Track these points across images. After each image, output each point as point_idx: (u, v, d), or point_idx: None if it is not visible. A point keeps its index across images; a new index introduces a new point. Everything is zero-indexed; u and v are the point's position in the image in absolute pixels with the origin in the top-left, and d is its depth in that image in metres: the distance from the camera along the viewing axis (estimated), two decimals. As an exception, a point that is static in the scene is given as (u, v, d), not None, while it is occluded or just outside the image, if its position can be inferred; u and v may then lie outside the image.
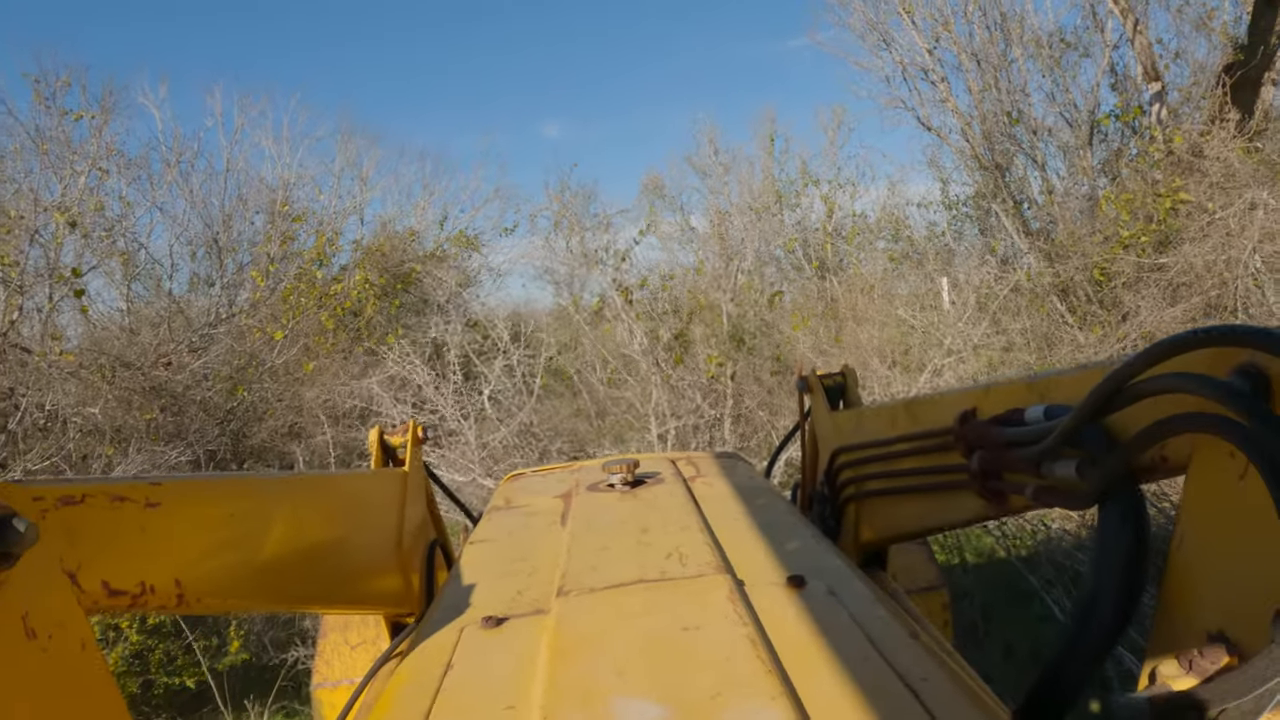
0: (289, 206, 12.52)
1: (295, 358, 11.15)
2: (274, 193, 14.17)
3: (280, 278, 11.96)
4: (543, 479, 2.61)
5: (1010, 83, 10.60)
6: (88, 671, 0.84)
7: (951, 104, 11.97)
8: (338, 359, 10.75)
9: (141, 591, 0.98)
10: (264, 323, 11.44)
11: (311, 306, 11.15)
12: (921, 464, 1.80)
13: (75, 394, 9.16)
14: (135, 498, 1.01)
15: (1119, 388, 1.07)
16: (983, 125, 11.53)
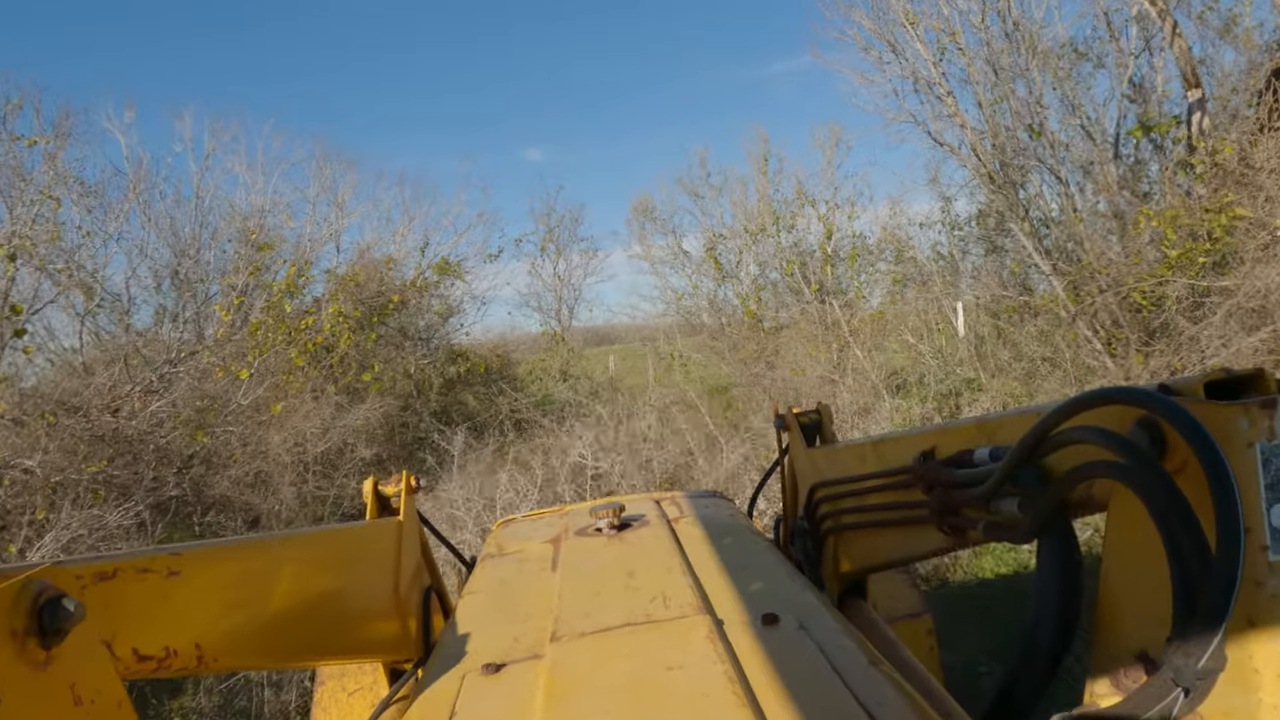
0: (258, 234, 11.67)
1: (263, 398, 10.27)
2: (246, 220, 13.37)
3: (248, 311, 11.08)
4: (532, 524, 2.70)
5: (1030, 94, 9.95)
6: None
7: (960, 118, 11.32)
8: (308, 399, 9.86)
9: (166, 655, 1.03)
10: (229, 360, 10.56)
11: (280, 342, 10.26)
12: (890, 499, 1.89)
13: (13, 445, 8.23)
14: (158, 569, 1.06)
15: (1043, 437, 1.20)
16: (994, 140, 10.88)
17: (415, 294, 13.72)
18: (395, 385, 12.03)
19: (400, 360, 12.53)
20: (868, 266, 16.13)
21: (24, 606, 0.78)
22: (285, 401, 10.26)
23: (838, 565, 2.32)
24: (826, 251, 16.37)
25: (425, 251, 15.84)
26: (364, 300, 11.34)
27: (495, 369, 14.27)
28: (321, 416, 9.55)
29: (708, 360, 16.44)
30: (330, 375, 10.57)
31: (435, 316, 14.15)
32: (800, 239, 16.99)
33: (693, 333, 17.70)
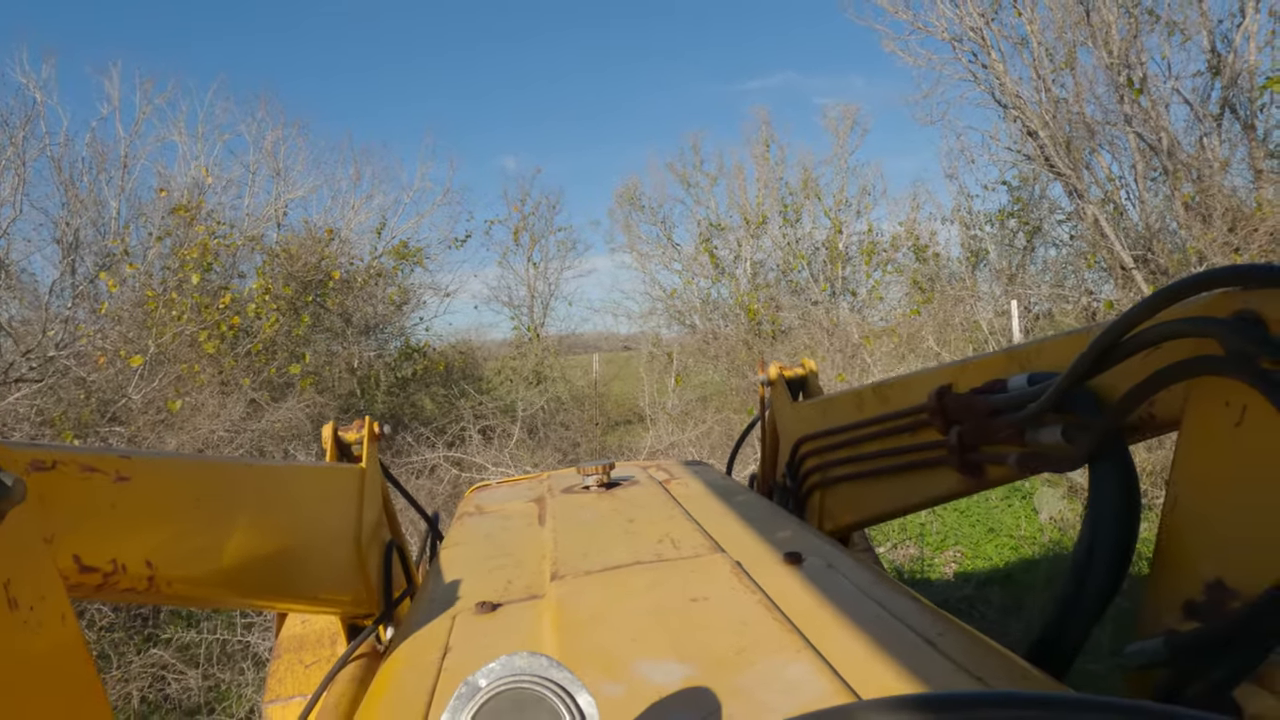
0: (168, 193, 9.49)
1: (159, 392, 8.11)
2: (165, 180, 11.17)
3: (148, 285, 8.89)
4: (511, 488, 2.59)
5: (1110, 52, 8.22)
6: (68, 646, 0.78)
7: (1008, 85, 9.57)
8: (216, 394, 7.72)
9: (114, 570, 0.92)
10: (119, 345, 8.38)
11: (187, 321, 8.10)
12: (893, 444, 1.81)
13: None
14: (105, 470, 0.94)
15: (1114, 342, 1.09)
16: (1054, 114, 9.13)
17: (369, 280, 11.60)
18: (335, 382, 9.89)
19: (342, 352, 10.39)
20: (883, 265, 14.33)
21: None
22: (188, 397, 8.12)
23: (822, 523, 2.21)
24: (836, 247, 14.56)
25: (381, 234, 13.73)
26: (296, 275, 9.20)
27: (458, 367, 12.17)
28: (230, 416, 7.43)
29: (699, 366, 14.52)
30: (249, 365, 8.41)
31: (388, 304, 12.00)
32: (806, 234, 15.19)
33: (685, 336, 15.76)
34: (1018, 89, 9.24)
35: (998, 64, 9.41)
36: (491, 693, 0.61)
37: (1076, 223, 9.72)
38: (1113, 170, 9.00)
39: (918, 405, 1.66)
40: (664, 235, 16.84)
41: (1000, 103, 9.30)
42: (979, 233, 13.21)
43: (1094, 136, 8.87)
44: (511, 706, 0.61)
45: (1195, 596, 1.00)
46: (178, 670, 5.23)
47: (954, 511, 7.78)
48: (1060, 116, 8.87)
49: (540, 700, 0.62)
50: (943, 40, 9.88)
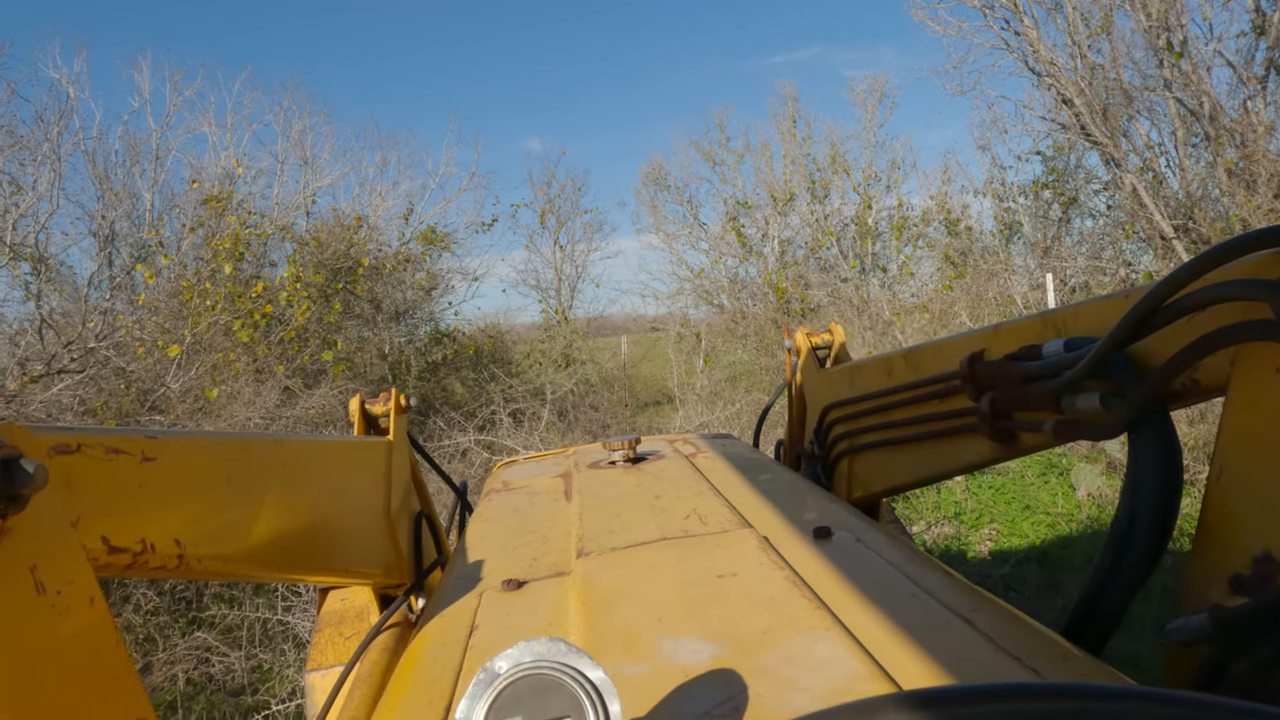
0: (200, 184, 9.60)
1: (198, 381, 8.25)
2: (197, 172, 11.31)
3: (183, 276, 9.03)
4: (537, 463, 2.60)
5: (1149, 15, 7.95)
6: (97, 630, 0.77)
7: (1042, 52, 9.30)
8: (251, 382, 7.84)
9: (143, 550, 0.92)
10: (156, 335, 8.54)
11: (221, 311, 8.22)
12: (923, 411, 1.78)
13: None
14: (131, 451, 0.94)
15: (1157, 306, 1.05)
16: (1093, 75, 8.87)
17: (397, 265, 11.66)
18: (367, 368, 10.00)
19: (373, 338, 10.48)
20: (914, 240, 14.11)
21: None
22: (224, 385, 8.26)
23: (850, 490, 2.19)
24: (866, 223, 14.36)
25: (409, 219, 13.79)
26: (326, 262, 9.28)
27: (487, 351, 12.22)
28: (265, 404, 7.54)
29: (727, 346, 14.44)
30: (282, 353, 8.53)
31: (417, 290, 12.07)
32: (834, 210, 14.99)
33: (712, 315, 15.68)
34: (1052, 56, 8.99)
35: (1031, 30, 9.16)
36: (511, 678, 0.61)
37: (1114, 192, 9.48)
38: (1151, 137, 8.75)
39: (949, 372, 1.63)
40: (690, 215, 16.74)
41: (1034, 70, 9.05)
42: (1012, 205, 12.94)
43: (1132, 103, 8.62)
44: (531, 692, 0.61)
45: (1242, 570, 0.96)
46: (221, 651, 5.35)
47: (989, 489, 7.68)
48: (1096, 83, 8.62)
49: (559, 685, 0.61)
50: (973, 7, 9.64)
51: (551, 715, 0.60)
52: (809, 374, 2.56)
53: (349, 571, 1.74)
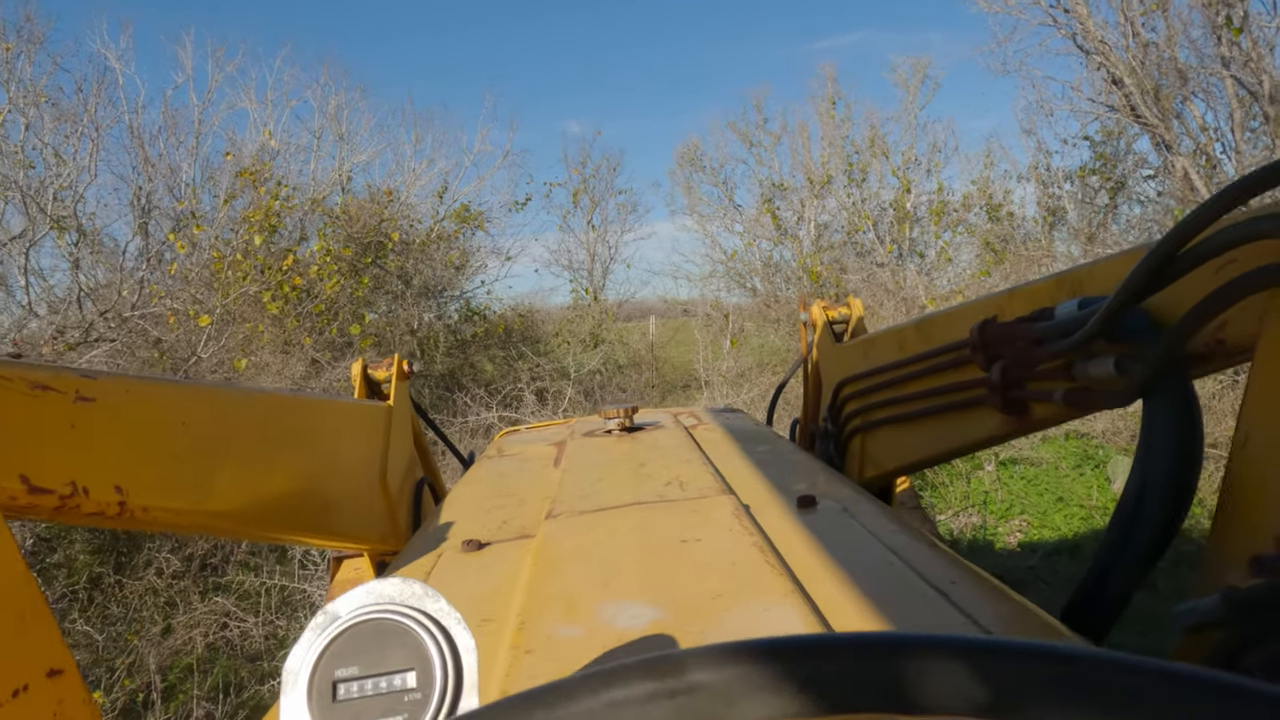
0: (235, 156, 9.68)
1: (228, 352, 8.35)
2: (236, 147, 11.42)
3: (215, 247, 9.13)
4: (538, 432, 2.58)
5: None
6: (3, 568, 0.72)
7: (1092, 30, 8.93)
8: (279, 354, 7.91)
9: (72, 493, 0.87)
10: (189, 305, 8.64)
11: (251, 282, 8.29)
12: (934, 384, 1.70)
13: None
14: (63, 389, 0.90)
15: (1174, 252, 0.95)
16: (1145, 54, 8.50)
17: (429, 242, 11.68)
18: (395, 343, 10.04)
19: (402, 314, 10.52)
20: (953, 225, 13.76)
21: None
22: (253, 356, 8.34)
23: (863, 469, 2.11)
24: (904, 207, 14.03)
25: (444, 197, 13.79)
26: (356, 236, 9.30)
27: (517, 330, 12.22)
28: (292, 375, 7.60)
29: (758, 330, 14.26)
30: (312, 326, 8.59)
31: (448, 267, 12.08)
32: (872, 194, 14.67)
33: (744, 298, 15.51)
34: (1102, 34, 8.64)
35: (1081, 7, 8.81)
36: (350, 622, 0.53)
37: (1164, 178, 9.11)
38: (1206, 120, 8.37)
39: (959, 340, 1.54)
40: (725, 196, 16.54)
41: (1083, 49, 8.70)
42: (1057, 190, 12.54)
43: (1186, 83, 8.25)
44: (373, 640, 0.53)
45: (1265, 550, 0.86)
46: (239, 616, 5.42)
47: (1021, 480, 7.47)
48: (1149, 62, 8.26)
49: (406, 634, 0.53)
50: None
51: (392, 666, 0.51)
52: (824, 349, 2.48)
53: (340, 535, 1.69)
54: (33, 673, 0.74)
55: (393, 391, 2.22)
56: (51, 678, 0.75)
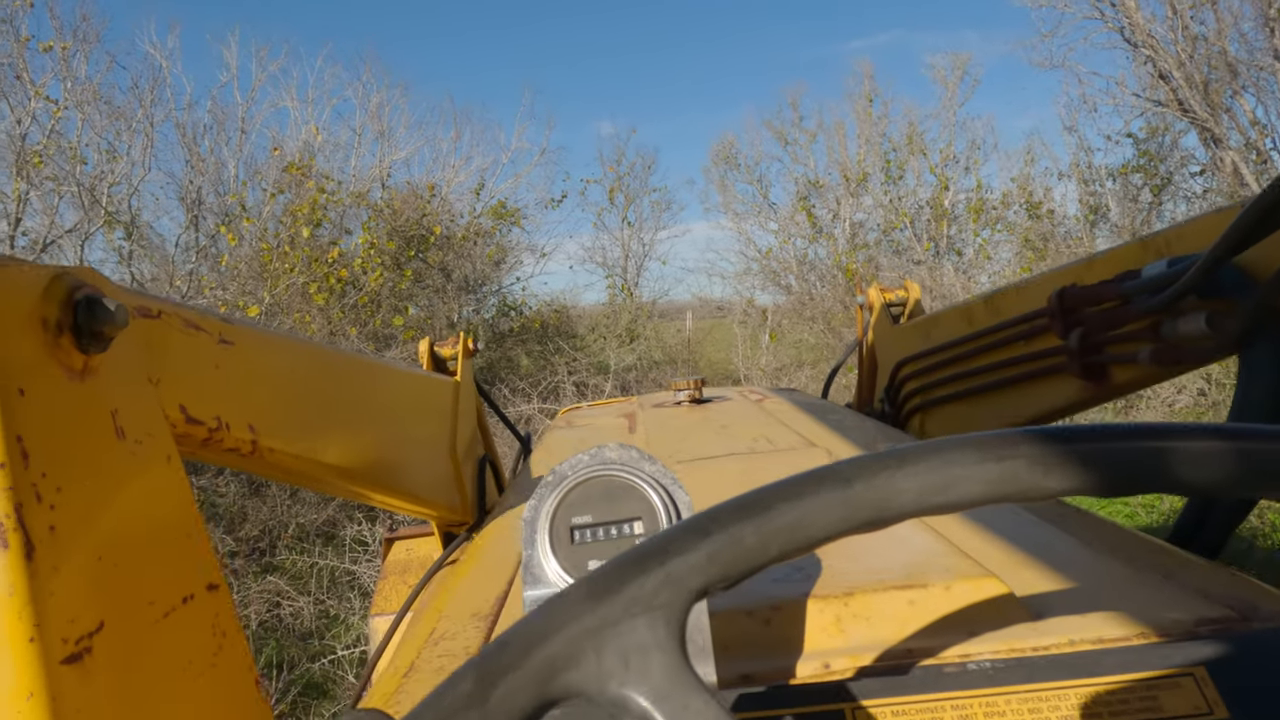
0: (280, 151, 9.90)
1: (275, 341, 8.55)
2: (279, 144, 11.68)
3: (263, 240, 9.34)
4: (602, 408, 2.63)
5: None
6: (173, 487, 0.79)
7: (1139, 23, 8.82)
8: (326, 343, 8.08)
9: (218, 426, 0.92)
10: (238, 296, 8.86)
11: (298, 274, 8.47)
12: (1004, 357, 1.71)
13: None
14: (210, 330, 0.94)
15: (1274, 204, 0.95)
16: (1194, 48, 8.38)
17: (468, 237, 11.84)
18: (436, 335, 10.19)
19: (442, 307, 10.68)
20: (992, 223, 13.63)
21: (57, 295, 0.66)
22: (300, 346, 8.54)
23: None
24: (942, 205, 13.93)
25: (480, 194, 13.96)
26: (399, 230, 9.47)
27: (552, 325, 12.34)
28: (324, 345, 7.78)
29: (794, 327, 14.25)
30: (355, 317, 8.75)
31: (487, 263, 12.23)
32: (910, 191, 14.58)
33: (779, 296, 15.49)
34: (1150, 27, 8.53)
35: (1129, 0, 8.71)
36: (580, 480, 0.58)
37: (1213, 174, 8.97)
38: (1257, 114, 8.24)
39: (1034, 310, 1.54)
40: (760, 194, 16.50)
41: (1130, 42, 8.60)
42: (1099, 189, 12.38)
43: (1237, 77, 8.12)
44: (602, 495, 0.58)
45: None
46: (291, 596, 5.55)
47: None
48: (1198, 56, 8.14)
49: (632, 489, 0.58)
50: None
51: (621, 515, 0.57)
52: (881, 330, 2.50)
53: (415, 498, 1.77)
54: (197, 585, 0.80)
55: (459, 368, 2.28)
56: (210, 591, 0.81)
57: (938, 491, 0.41)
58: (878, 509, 0.41)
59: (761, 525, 0.40)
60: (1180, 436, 0.40)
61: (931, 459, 0.41)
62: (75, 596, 0.62)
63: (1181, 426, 0.41)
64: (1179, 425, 0.41)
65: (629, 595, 0.38)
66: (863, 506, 0.41)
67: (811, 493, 0.41)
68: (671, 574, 0.39)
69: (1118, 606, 0.71)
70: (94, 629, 0.64)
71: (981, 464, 0.40)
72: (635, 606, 0.38)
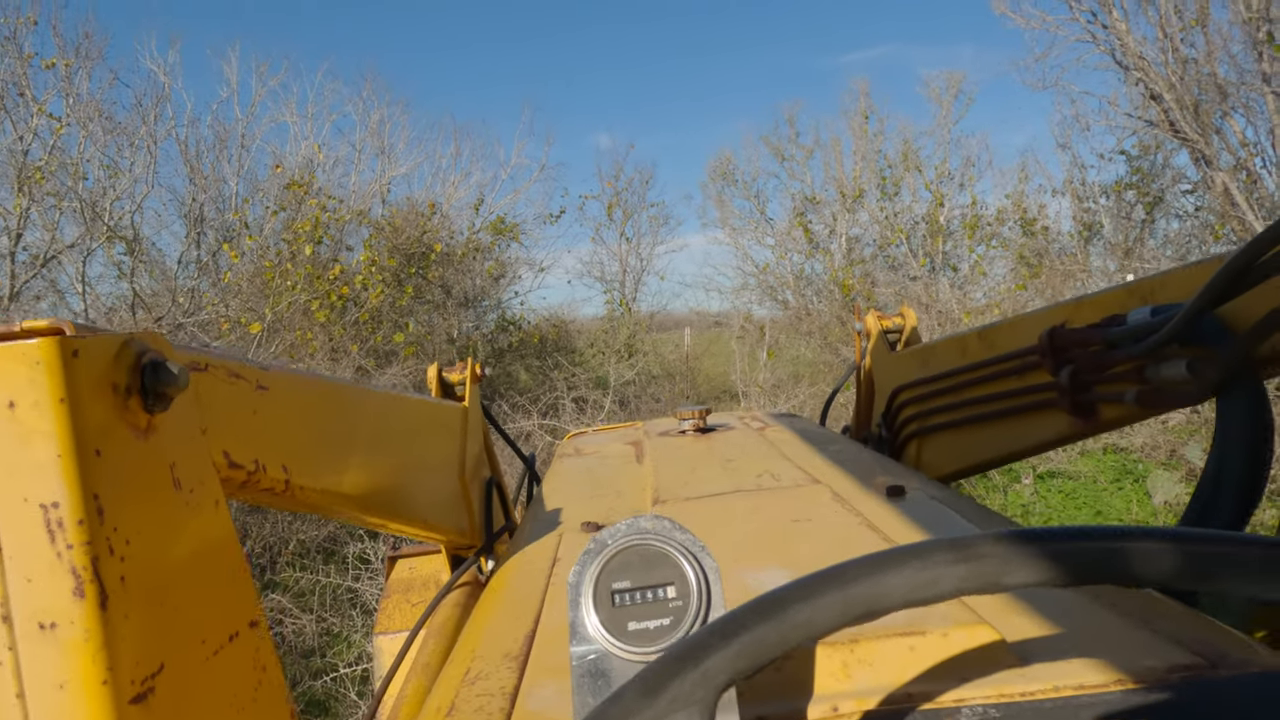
0: (282, 169, 9.97)
1: (277, 357, 8.59)
2: (279, 159, 11.76)
3: (265, 257, 9.40)
4: (607, 434, 2.64)
5: (1248, 6, 7.60)
6: (221, 530, 0.83)
7: (1130, 45, 8.96)
8: (326, 360, 8.12)
9: (256, 469, 0.99)
10: (239, 313, 8.91)
11: (300, 290, 8.53)
12: (997, 390, 1.77)
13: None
14: (249, 378, 1.01)
15: (1250, 264, 1.02)
16: (1185, 70, 8.52)
17: (467, 253, 11.92)
18: (435, 351, 10.25)
19: (442, 323, 10.74)
20: (987, 239, 13.75)
21: (127, 361, 0.71)
22: (302, 362, 8.57)
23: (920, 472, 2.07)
24: (937, 221, 14.06)
25: (479, 209, 14.06)
26: (400, 248, 9.55)
27: (551, 340, 12.40)
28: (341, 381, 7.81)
29: (791, 342, 14.33)
30: (357, 334, 8.81)
31: (486, 278, 12.31)
32: (905, 207, 14.71)
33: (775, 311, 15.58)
34: (1141, 49, 8.67)
35: (1119, 23, 8.84)
36: (619, 548, 0.65)
37: (1203, 193, 9.09)
38: (1247, 135, 8.36)
39: (1026, 348, 1.60)
40: (757, 210, 16.63)
41: (1121, 64, 8.73)
42: (1093, 205, 12.51)
43: (1226, 99, 8.25)
44: (638, 561, 0.65)
45: None
46: (294, 614, 5.59)
47: (1060, 493, 7.48)
48: (1189, 78, 8.27)
49: (665, 557, 0.65)
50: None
51: (656, 580, 0.64)
52: (879, 357, 2.55)
53: (427, 524, 1.80)
54: (240, 622, 0.83)
55: (467, 394, 2.32)
56: (252, 628, 0.85)
57: (921, 589, 0.49)
58: (870, 606, 0.50)
59: (778, 624, 0.49)
60: (1126, 539, 0.47)
61: (914, 562, 0.49)
62: (141, 640, 0.67)
63: (1126, 530, 0.48)
64: (1125, 529, 0.49)
65: (671, 694, 0.47)
66: (859, 603, 0.49)
67: (819, 594, 0.50)
68: (705, 673, 0.48)
69: (1099, 653, 0.75)
70: (156, 670, 0.69)
71: (956, 565, 0.48)
72: (677, 703, 0.47)
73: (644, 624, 0.64)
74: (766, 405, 9.21)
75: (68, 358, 0.65)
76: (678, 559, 0.65)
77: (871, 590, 0.49)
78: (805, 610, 0.49)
